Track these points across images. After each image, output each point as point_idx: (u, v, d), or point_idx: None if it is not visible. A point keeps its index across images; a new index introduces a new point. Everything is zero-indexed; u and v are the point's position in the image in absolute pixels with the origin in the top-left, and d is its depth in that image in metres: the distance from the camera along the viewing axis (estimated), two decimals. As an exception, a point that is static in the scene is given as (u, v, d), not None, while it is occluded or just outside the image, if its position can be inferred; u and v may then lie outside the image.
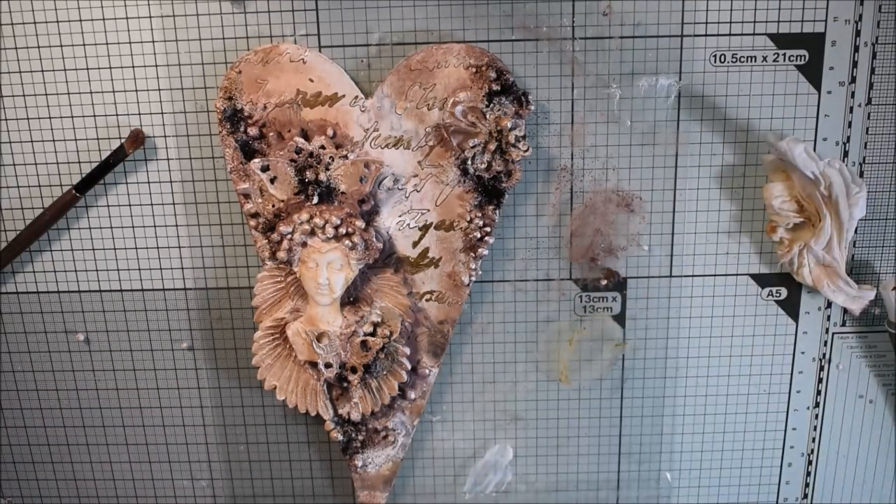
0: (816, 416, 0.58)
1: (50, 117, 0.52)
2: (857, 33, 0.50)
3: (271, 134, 0.50)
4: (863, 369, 0.57)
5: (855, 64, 0.51)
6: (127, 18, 0.50)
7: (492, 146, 0.49)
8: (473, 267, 0.53)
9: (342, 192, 0.50)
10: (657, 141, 0.52)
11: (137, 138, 0.51)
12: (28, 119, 0.52)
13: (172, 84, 0.51)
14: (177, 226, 0.54)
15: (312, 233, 0.49)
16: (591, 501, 0.60)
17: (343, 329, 0.51)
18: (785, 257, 0.53)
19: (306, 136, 0.50)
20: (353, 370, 0.52)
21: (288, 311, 0.52)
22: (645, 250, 0.54)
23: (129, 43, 0.50)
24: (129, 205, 0.53)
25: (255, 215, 0.51)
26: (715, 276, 0.55)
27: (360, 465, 0.56)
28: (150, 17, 0.50)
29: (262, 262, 0.52)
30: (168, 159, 0.52)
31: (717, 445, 0.59)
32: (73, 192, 0.52)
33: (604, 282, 0.55)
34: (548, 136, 0.52)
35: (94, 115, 0.52)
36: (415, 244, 0.52)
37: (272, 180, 0.50)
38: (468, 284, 0.53)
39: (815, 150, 0.52)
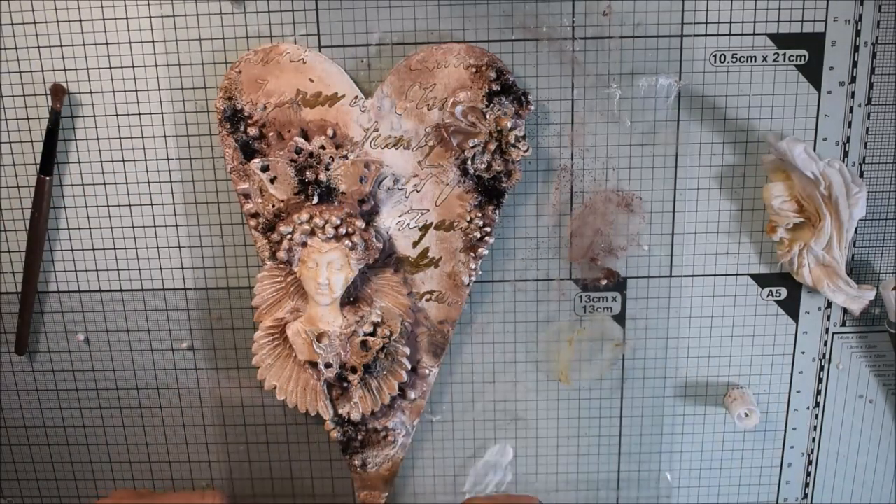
0: (816, 416, 0.58)
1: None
2: (857, 33, 0.50)
3: (271, 134, 0.50)
4: (863, 369, 0.57)
5: (855, 64, 0.51)
6: (127, 18, 0.50)
7: (492, 146, 0.49)
8: (473, 267, 0.53)
9: (342, 192, 0.50)
10: (657, 141, 0.52)
11: (58, 92, 0.50)
12: (28, 119, 0.52)
13: (172, 84, 0.51)
14: (177, 226, 0.54)
15: (312, 233, 0.49)
16: (591, 501, 0.60)
17: (343, 329, 0.51)
18: (785, 257, 0.53)
19: (306, 136, 0.50)
20: (353, 370, 0.52)
21: (288, 311, 0.52)
22: (645, 250, 0.54)
23: (129, 43, 0.50)
24: (129, 205, 0.53)
25: (255, 215, 0.51)
26: (715, 276, 0.55)
27: (359, 465, 0.56)
28: (150, 17, 0.50)
29: (262, 262, 0.52)
30: (168, 159, 0.52)
31: (717, 445, 0.59)
32: (41, 176, 0.51)
33: (604, 282, 0.55)
34: (548, 136, 0.52)
35: (94, 115, 0.52)
36: (415, 244, 0.52)
37: (272, 180, 0.50)
38: (468, 284, 0.53)
39: (815, 150, 0.52)
